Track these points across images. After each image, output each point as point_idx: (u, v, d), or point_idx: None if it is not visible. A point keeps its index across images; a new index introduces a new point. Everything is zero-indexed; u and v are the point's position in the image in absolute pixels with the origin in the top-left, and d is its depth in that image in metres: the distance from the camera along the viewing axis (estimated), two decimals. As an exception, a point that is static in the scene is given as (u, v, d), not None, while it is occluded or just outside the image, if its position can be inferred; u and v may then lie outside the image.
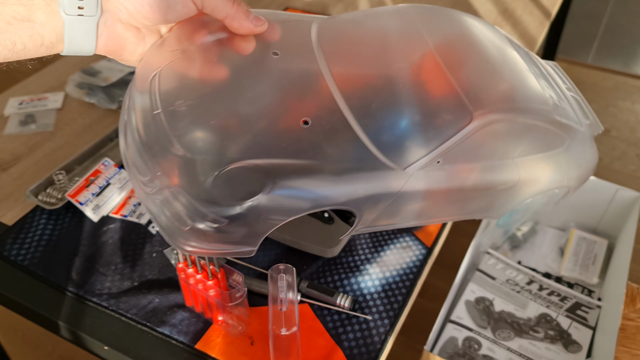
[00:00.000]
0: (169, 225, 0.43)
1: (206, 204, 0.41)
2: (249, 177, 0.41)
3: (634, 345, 1.07)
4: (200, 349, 0.64)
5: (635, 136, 2.12)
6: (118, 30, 0.45)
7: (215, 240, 0.43)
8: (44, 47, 0.43)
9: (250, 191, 0.41)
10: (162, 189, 0.42)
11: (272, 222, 0.43)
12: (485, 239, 1.25)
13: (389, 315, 0.68)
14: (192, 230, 0.42)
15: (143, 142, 0.43)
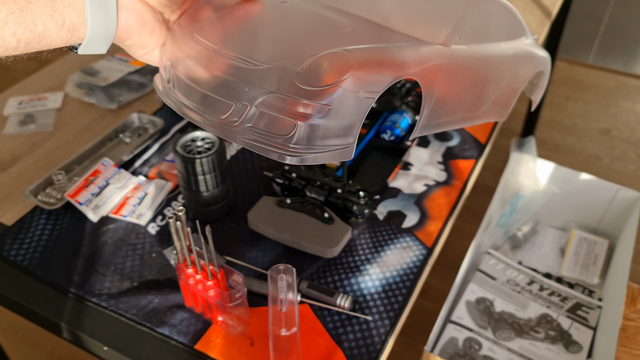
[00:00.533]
0: (272, 144, 0.44)
1: (302, 95, 0.43)
2: (335, 60, 0.44)
3: (635, 346, 1.06)
4: (200, 349, 0.64)
5: (636, 136, 2.11)
6: (136, 5, 0.45)
7: (322, 135, 0.44)
8: (65, 29, 0.42)
9: (339, 71, 0.44)
10: (248, 112, 0.44)
11: (367, 100, 0.45)
12: (485, 239, 1.25)
13: (389, 315, 0.68)
14: (299, 132, 0.43)
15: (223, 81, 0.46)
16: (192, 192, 0.76)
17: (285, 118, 0.43)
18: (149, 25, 0.47)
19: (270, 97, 0.43)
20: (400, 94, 0.96)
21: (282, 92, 0.43)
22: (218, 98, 0.45)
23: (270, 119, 0.43)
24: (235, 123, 0.44)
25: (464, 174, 0.88)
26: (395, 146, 0.91)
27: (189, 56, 0.48)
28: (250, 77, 0.44)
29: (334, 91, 0.42)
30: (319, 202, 0.77)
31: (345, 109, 0.43)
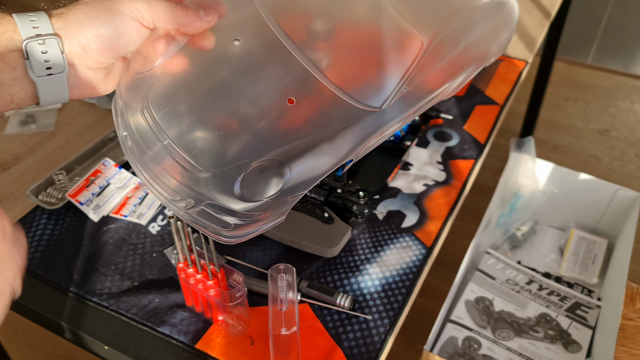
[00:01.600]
0: (211, 228, 0.48)
1: (240, 204, 0.46)
2: (267, 171, 0.46)
3: (634, 345, 1.07)
4: (201, 348, 0.64)
5: (635, 136, 2.12)
6: (88, 76, 0.46)
7: (255, 227, 0.49)
8: (14, 104, 0.43)
9: (273, 182, 0.46)
10: (193, 207, 0.47)
11: (297, 196, 0.49)
12: (485, 239, 1.25)
13: (389, 315, 0.68)
14: (234, 228, 0.48)
15: (163, 170, 0.47)
16: (193, 192, 0.76)
17: (224, 219, 0.47)
18: (102, 86, 0.47)
19: (212, 204, 0.46)
20: (399, 94, 0.97)
21: (221, 203, 0.46)
22: (168, 185, 0.47)
23: (212, 216, 0.47)
24: (185, 208, 0.47)
25: (463, 173, 0.88)
26: (395, 146, 0.92)
27: (140, 135, 0.47)
28: (195, 182, 0.46)
29: (267, 202, 0.46)
30: (319, 202, 0.77)
31: (276, 210, 0.48)
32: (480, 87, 1.08)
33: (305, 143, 0.47)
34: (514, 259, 1.27)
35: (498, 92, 1.06)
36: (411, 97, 0.52)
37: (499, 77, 1.11)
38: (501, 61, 1.15)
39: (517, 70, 1.12)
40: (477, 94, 1.06)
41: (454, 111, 1.01)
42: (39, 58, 0.42)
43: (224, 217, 0.47)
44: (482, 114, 1.01)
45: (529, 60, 1.16)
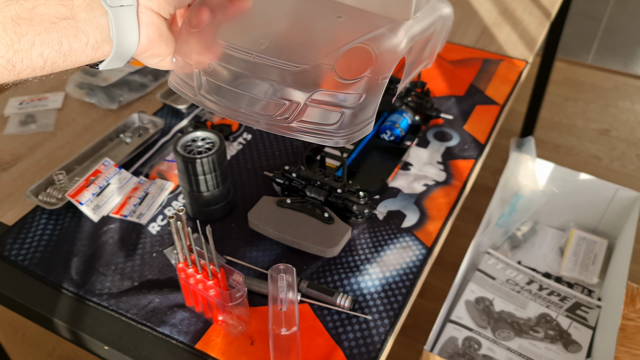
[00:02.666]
0: (319, 132, 0.52)
1: (342, 88, 0.51)
2: (359, 53, 0.52)
3: (634, 345, 1.07)
4: (201, 348, 0.64)
5: (635, 136, 2.12)
6: (154, 19, 0.47)
7: (360, 116, 0.52)
8: (89, 47, 0.44)
9: (365, 62, 0.52)
10: (301, 108, 0.51)
11: (384, 82, 0.54)
12: (485, 239, 1.25)
13: (389, 315, 0.68)
14: (343, 118, 0.51)
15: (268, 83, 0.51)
16: (193, 192, 0.76)
17: (332, 109, 0.51)
18: (165, 36, 0.49)
19: (318, 94, 0.50)
20: (400, 94, 0.97)
21: (326, 88, 0.51)
22: (268, 100, 0.51)
23: (320, 112, 0.51)
24: (288, 119, 0.51)
25: (463, 174, 0.88)
26: (395, 146, 0.92)
27: (223, 63, 0.52)
28: (296, 78, 0.51)
29: (364, 81, 0.51)
30: (319, 202, 0.77)
31: (372, 94, 0.52)
32: (480, 87, 1.07)
33: (376, 33, 0.55)
34: (514, 259, 1.27)
35: (498, 92, 1.06)
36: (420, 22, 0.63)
37: (499, 77, 1.11)
38: (501, 61, 1.15)
39: (518, 70, 1.12)
40: (477, 94, 1.06)
41: (454, 111, 1.01)
42: None
43: (331, 106, 0.51)
44: (482, 114, 1.01)
45: (529, 60, 1.16)
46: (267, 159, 0.91)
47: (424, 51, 0.71)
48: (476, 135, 0.96)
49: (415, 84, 0.99)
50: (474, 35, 1.24)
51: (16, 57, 0.40)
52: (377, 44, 0.54)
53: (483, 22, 1.28)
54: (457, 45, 1.20)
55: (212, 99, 0.53)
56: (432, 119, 0.98)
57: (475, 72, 1.12)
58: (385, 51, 0.54)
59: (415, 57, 0.66)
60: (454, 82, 1.09)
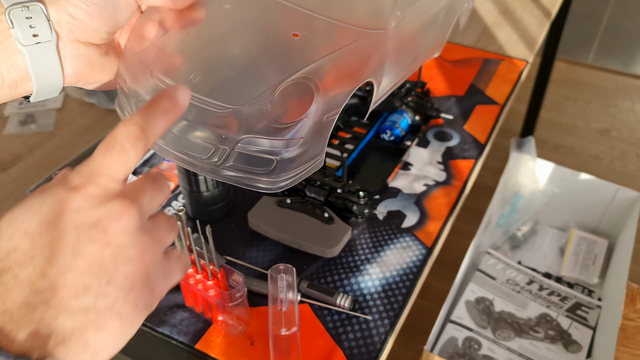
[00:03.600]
0: (250, 177, 0.47)
1: (276, 133, 0.45)
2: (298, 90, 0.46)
3: (634, 345, 1.07)
4: (200, 349, 0.64)
5: (636, 136, 2.12)
6: (80, 50, 0.44)
7: (297, 163, 0.47)
8: (6, 86, 0.42)
9: (305, 102, 0.46)
10: (229, 154, 0.46)
11: (331, 120, 0.48)
12: (485, 239, 1.25)
13: (389, 315, 0.68)
14: (277, 165, 0.46)
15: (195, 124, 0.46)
16: (193, 192, 0.76)
17: (264, 156, 0.46)
18: (97, 64, 0.46)
19: (247, 139, 0.45)
20: (400, 94, 0.97)
21: (257, 134, 0.45)
22: (196, 142, 0.46)
23: (250, 157, 0.46)
24: (217, 163, 0.46)
25: (463, 173, 0.88)
26: (395, 146, 0.92)
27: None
28: (223, 122, 0.45)
29: (303, 123, 0.45)
30: (319, 202, 0.77)
31: (316, 134, 0.47)
32: (480, 87, 1.07)
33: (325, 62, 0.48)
34: (514, 259, 1.27)
35: (498, 92, 1.06)
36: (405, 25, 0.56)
37: (499, 77, 1.10)
38: (501, 61, 1.15)
39: (518, 70, 1.12)
40: (478, 93, 1.06)
41: (454, 111, 1.01)
42: (24, 24, 0.40)
43: (262, 153, 0.46)
44: (483, 113, 1.01)
45: (530, 60, 1.16)
46: (267, 159, 0.91)
47: (414, 49, 0.63)
48: (476, 135, 0.96)
49: (416, 84, 0.99)
50: (474, 35, 1.24)
51: None
52: (323, 77, 0.47)
53: (483, 22, 1.28)
54: (457, 45, 1.20)
55: None
56: (432, 119, 0.98)
57: (476, 72, 1.12)
58: (335, 84, 0.48)
59: (400, 63, 0.59)
60: (454, 82, 1.09)
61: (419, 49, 0.64)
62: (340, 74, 0.49)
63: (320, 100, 0.46)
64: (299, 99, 0.46)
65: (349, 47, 0.49)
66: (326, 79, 0.47)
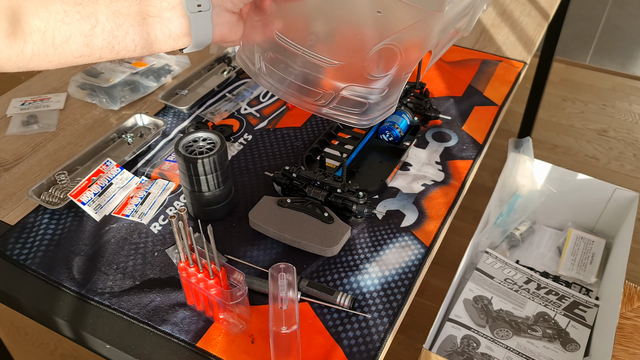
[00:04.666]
0: (346, 115, 0.62)
1: (369, 83, 0.60)
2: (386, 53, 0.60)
3: (632, 344, 1.07)
4: (202, 347, 0.65)
5: (633, 136, 2.13)
6: (226, 18, 0.58)
7: (380, 107, 0.63)
8: (171, 39, 0.55)
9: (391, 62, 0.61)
10: (334, 98, 0.61)
11: (406, 77, 0.63)
12: (483, 239, 1.26)
13: (388, 313, 0.69)
14: (368, 107, 0.62)
15: (310, 74, 0.61)
16: (194, 192, 0.77)
17: (360, 100, 0.61)
18: (234, 28, 0.60)
19: (349, 87, 0.61)
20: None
21: (357, 83, 0.61)
22: (309, 88, 0.62)
23: (350, 101, 0.62)
24: (323, 104, 0.62)
25: (461, 173, 0.89)
26: (394, 147, 0.92)
27: (277, 52, 0.62)
28: (332, 73, 0.61)
29: (388, 77, 0.61)
30: (319, 202, 0.78)
31: (395, 86, 0.62)
32: (478, 88, 1.08)
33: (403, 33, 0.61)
34: (512, 259, 1.28)
35: (496, 93, 1.07)
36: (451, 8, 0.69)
37: (497, 78, 1.11)
38: (500, 62, 1.16)
39: (516, 71, 1.13)
40: (476, 94, 1.07)
41: (452, 112, 1.02)
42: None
43: (359, 97, 0.61)
44: (481, 114, 1.02)
45: (528, 61, 1.16)
46: (268, 159, 0.91)
47: (458, 27, 0.77)
48: (474, 135, 0.97)
49: (414, 85, 0.99)
50: (472, 36, 1.25)
51: (114, 41, 0.52)
52: (403, 44, 0.61)
53: (482, 24, 1.29)
54: (456, 47, 1.21)
55: (267, 80, 0.64)
56: (430, 120, 0.98)
57: (474, 73, 1.12)
58: (410, 50, 0.62)
59: (445, 41, 0.74)
60: (452, 83, 1.10)
61: (456, 29, 0.77)
62: (413, 43, 0.63)
63: (400, 61, 0.61)
64: (387, 59, 0.60)
65: (417, 23, 0.63)
66: (404, 46, 0.61)
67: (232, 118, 1.00)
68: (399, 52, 0.61)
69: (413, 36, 0.62)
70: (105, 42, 0.52)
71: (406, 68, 0.62)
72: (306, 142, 0.95)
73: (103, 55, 0.53)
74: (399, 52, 0.61)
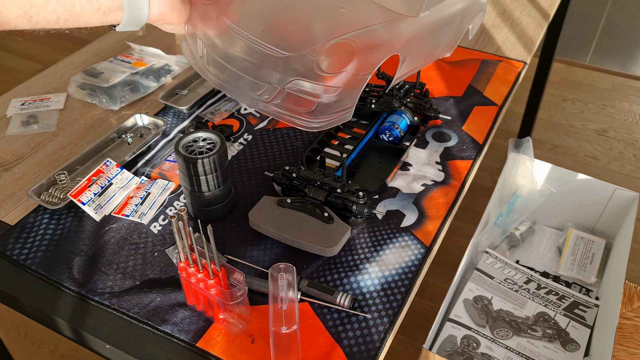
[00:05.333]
0: (292, 115, 0.57)
1: (319, 80, 0.55)
2: (342, 49, 0.56)
3: (632, 344, 1.07)
4: (202, 347, 0.65)
5: (633, 136, 2.13)
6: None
7: (333, 109, 0.57)
8: (100, 13, 0.49)
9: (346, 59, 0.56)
10: (279, 92, 0.56)
11: (365, 78, 0.58)
12: (483, 239, 1.26)
13: (388, 313, 0.69)
14: (317, 107, 0.56)
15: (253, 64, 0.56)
16: (194, 192, 0.77)
17: (307, 98, 0.56)
18: (177, 8, 0.55)
19: (295, 82, 0.55)
20: (399, 95, 0.97)
21: (305, 78, 0.55)
22: (251, 79, 0.56)
23: (296, 98, 0.56)
24: (267, 99, 0.56)
25: (461, 174, 0.89)
26: (394, 147, 0.92)
27: (221, 39, 0.57)
28: (279, 64, 0.55)
29: (342, 76, 0.55)
30: (318, 202, 0.78)
31: (351, 88, 0.57)
32: (478, 88, 1.08)
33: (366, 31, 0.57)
34: (512, 259, 1.28)
35: (496, 93, 1.07)
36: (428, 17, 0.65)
37: (497, 78, 1.11)
38: (500, 62, 1.16)
39: (516, 71, 1.13)
40: (476, 94, 1.07)
41: (452, 112, 1.02)
42: None
43: (306, 95, 0.56)
44: (481, 114, 1.02)
45: (527, 61, 1.16)
46: (268, 159, 0.91)
47: (432, 44, 0.71)
48: (474, 135, 0.97)
49: (414, 85, 0.99)
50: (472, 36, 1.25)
51: (32, 10, 0.46)
52: (363, 41, 0.56)
53: (482, 24, 1.29)
54: (456, 47, 1.21)
55: (209, 69, 0.58)
56: (430, 120, 0.98)
57: (474, 73, 1.12)
58: (371, 49, 0.57)
59: (420, 50, 0.68)
60: (452, 83, 1.10)
61: (436, 43, 0.72)
62: (376, 42, 0.58)
63: (358, 60, 0.56)
64: (342, 55, 0.56)
65: (386, 24, 0.59)
66: (365, 45, 0.56)
67: (232, 118, 1.00)
68: (357, 50, 0.56)
69: (377, 36, 0.58)
70: (21, 12, 0.46)
71: (365, 69, 0.57)
72: (306, 142, 0.95)
73: (18, 25, 0.48)
74: (357, 50, 0.56)
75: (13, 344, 1.44)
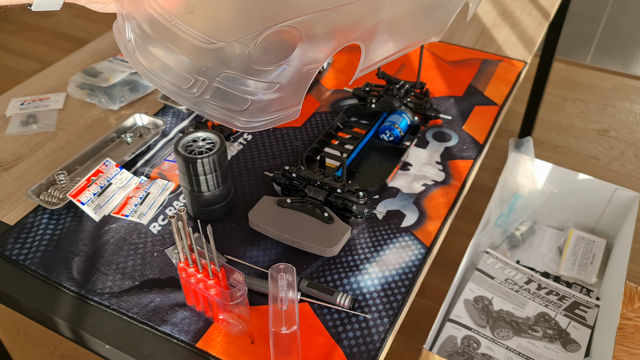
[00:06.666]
0: (226, 114, 0.49)
1: (254, 74, 0.47)
2: (282, 38, 0.47)
3: (632, 345, 1.07)
4: (201, 347, 0.65)
5: (634, 136, 2.12)
6: None
7: (273, 107, 0.49)
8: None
9: (287, 50, 0.48)
10: (207, 87, 0.48)
11: (311, 72, 0.50)
12: (484, 239, 1.26)
13: (389, 314, 0.68)
14: (251, 105, 0.48)
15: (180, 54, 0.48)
16: (194, 192, 0.76)
17: (239, 95, 0.48)
18: None
19: (226, 75, 0.47)
20: (399, 94, 0.97)
21: (235, 71, 0.47)
22: (178, 71, 0.48)
23: (226, 94, 0.48)
24: (196, 94, 0.48)
25: (462, 174, 0.89)
26: (394, 146, 0.92)
27: (147, 24, 0.49)
28: (207, 55, 0.47)
29: (282, 70, 0.47)
30: (318, 202, 0.78)
31: (292, 83, 0.49)
32: (479, 88, 1.08)
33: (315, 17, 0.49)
34: (512, 259, 1.27)
35: (497, 93, 1.07)
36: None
37: (497, 77, 1.11)
38: (500, 62, 1.15)
39: (516, 71, 1.13)
40: (476, 94, 1.06)
41: (453, 112, 1.02)
42: None
43: (238, 92, 0.48)
44: (481, 114, 1.01)
45: (528, 61, 1.16)
46: (267, 159, 0.91)
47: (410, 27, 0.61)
48: (475, 135, 0.96)
49: (415, 84, 0.99)
50: (473, 36, 1.24)
51: None
52: (309, 29, 0.48)
53: (482, 23, 1.29)
54: (456, 46, 1.21)
55: (137, 57, 0.51)
56: (431, 120, 0.98)
57: (474, 73, 1.12)
58: (321, 39, 0.49)
59: (392, 37, 0.58)
60: (452, 83, 1.09)
61: (417, 28, 0.62)
62: (328, 30, 0.49)
63: (302, 51, 0.47)
64: (282, 46, 0.47)
65: (343, 8, 0.50)
66: (313, 33, 0.48)
67: (232, 118, 1.00)
68: (299, 38, 0.47)
69: (328, 23, 0.49)
70: None
71: (312, 62, 0.48)
72: (306, 142, 0.95)
73: None
74: (300, 40, 0.47)
75: (12, 344, 1.44)
